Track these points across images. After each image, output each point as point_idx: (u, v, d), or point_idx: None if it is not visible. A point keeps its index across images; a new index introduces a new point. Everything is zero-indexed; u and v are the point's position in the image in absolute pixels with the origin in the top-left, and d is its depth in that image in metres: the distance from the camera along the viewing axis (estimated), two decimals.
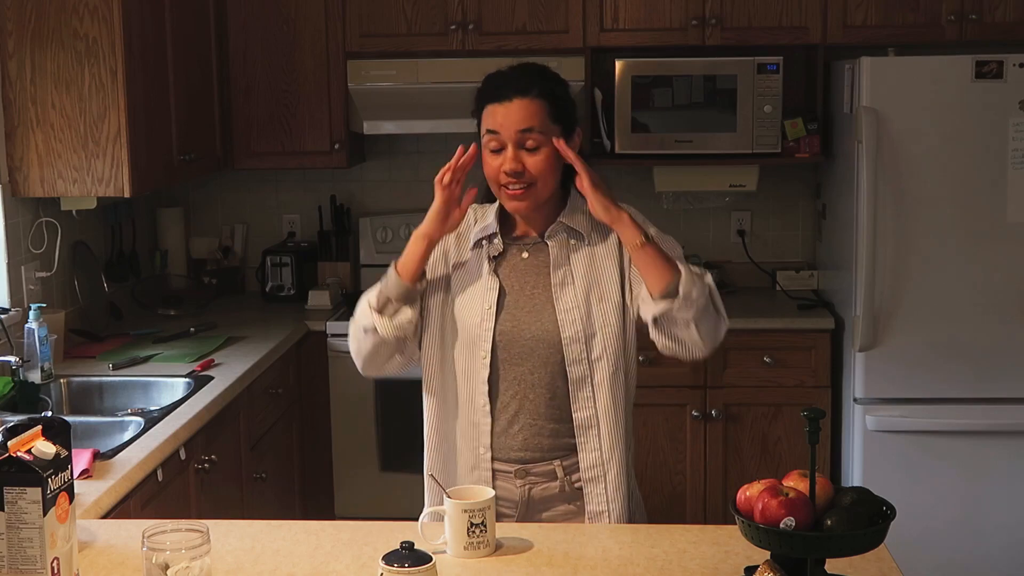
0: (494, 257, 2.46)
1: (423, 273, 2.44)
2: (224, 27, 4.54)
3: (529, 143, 2.37)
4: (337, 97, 4.57)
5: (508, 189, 2.39)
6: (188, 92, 4.17)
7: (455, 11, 4.48)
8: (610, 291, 2.43)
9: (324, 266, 4.87)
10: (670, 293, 2.32)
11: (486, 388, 2.43)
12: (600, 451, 2.43)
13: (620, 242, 2.42)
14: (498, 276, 2.45)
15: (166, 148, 3.99)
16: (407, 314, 2.42)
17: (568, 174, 2.47)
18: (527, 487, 2.45)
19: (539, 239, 2.47)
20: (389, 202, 4.98)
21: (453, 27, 4.48)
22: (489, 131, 2.39)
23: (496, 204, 2.49)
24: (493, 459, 2.44)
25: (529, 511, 2.46)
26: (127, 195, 3.68)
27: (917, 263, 4.07)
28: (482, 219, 2.50)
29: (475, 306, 2.44)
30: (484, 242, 2.47)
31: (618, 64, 4.41)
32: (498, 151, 2.39)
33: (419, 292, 2.44)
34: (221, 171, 4.66)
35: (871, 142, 3.99)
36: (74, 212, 3.99)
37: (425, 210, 2.48)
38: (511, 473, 2.44)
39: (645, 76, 4.42)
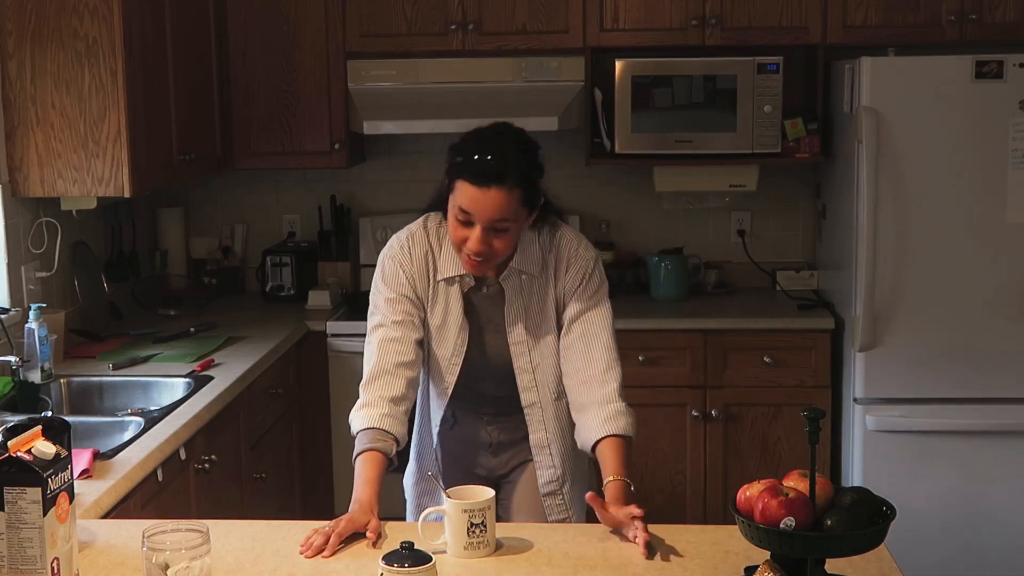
0: (466, 292, 2.59)
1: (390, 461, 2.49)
2: (224, 27, 4.54)
3: (499, 227, 2.44)
4: (337, 97, 4.57)
5: (470, 258, 2.47)
6: (188, 92, 4.17)
7: (455, 11, 4.48)
8: (550, 324, 2.60)
9: (324, 266, 4.87)
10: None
11: (441, 415, 2.70)
12: (555, 468, 2.65)
13: (556, 271, 2.57)
14: (469, 312, 2.59)
15: (166, 148, 3.99)
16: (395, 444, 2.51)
17: None
18: (497, 431, 2.72)
19: (496, 280, 2.59)
20: (389, 202, 4.98)
21: (453, 27, 4.48)
22: (462, 209, 2.42)
23: None
24: (441, 473, 2.69)
25: (502, 447, 2.73)
26: (127, 195, 3.68)
27: (917, 263, 4.07)
28: (447, 252, 2.57)
29: (447, 342, 2.60)
30: (456, 280, 2.58)
31: (618, 64, 4.41)
32: (467, 224, 2.44)
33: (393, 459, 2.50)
34: (221, 171, 4.66)
35: (871, 142, 3.99)
36: (74, 212, 3.99)
37: (424, 211, 2.57)
38: (481, 420, 2.73)
39: (645, 76, 4.42)
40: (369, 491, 2.37)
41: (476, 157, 2.41)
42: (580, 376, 2.54)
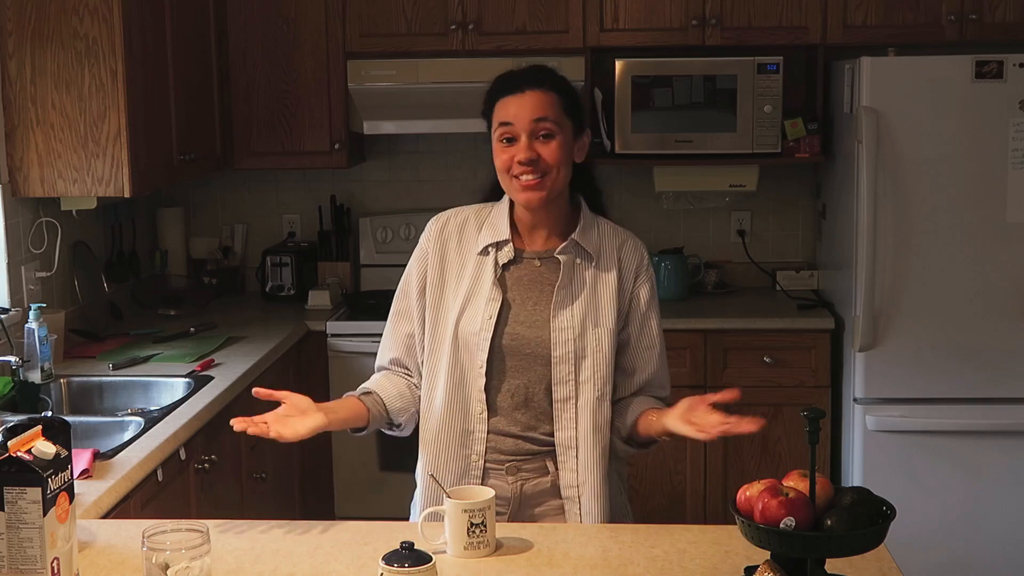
0: (503, 265, 2.43)
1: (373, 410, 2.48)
2: (224, 27, 4.54)
3: (543, 132, 2.35)
4: (337, 97, 4.57)
5: (521, 179, 2.36)
6: (188, 92, 4.17)
7: (455, 11, 4.48)
8: (606, 317, 2.42)
9: (324, 266, 4.87)
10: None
11: (484, 396, 2.41)
12: (576, 472, 2.42)
13: (620, 270, 2.45)
14: (502, 286, 2.42)
15: (166, 148, 3.99)
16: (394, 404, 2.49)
17: (577, 185, 2.49)
18: (519, 483, 2.44)
19: (549, 253, 2.44)
20: (389, 202, 4.98)
21: (453, 27, 4.48)
22: (502, 123, 2.37)
23: (506, 208, 2.45)
24: (485, 461, 2.43)
25: (521, 507, 2.45)
26: (127, 195, 3.68)
27: (917, 263, 4.07)
28: (490, 223, 2.46)
29: (475, 316, 2.40)
30: (492, 249, 2.44)
31: (618, 64, 4.41)
32: (511, 142, 2.37)
33: (383, 411, 2.48)
34: (221, 171, 4.66)
35: (871, 142, 3.99)
36: (74, 212, 3.99)
37: (425, 210, 2.51)
38: (502, 470, 2.43)
39: (645, 76, 4.42)
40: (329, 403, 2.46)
41: (508, 76, 2.43)
42: (642, 387, 2.51)
